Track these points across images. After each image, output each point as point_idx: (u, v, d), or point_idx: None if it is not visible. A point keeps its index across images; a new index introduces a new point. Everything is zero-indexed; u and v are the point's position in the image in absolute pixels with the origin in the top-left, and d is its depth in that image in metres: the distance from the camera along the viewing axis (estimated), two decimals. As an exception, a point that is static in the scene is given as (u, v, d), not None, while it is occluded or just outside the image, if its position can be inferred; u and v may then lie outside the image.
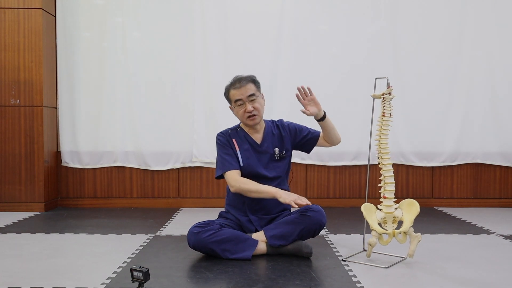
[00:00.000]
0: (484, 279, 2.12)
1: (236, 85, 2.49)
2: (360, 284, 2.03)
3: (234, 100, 2.50)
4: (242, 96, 2.47)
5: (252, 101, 2.49)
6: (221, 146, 2.56)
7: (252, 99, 2.49)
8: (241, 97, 2.48)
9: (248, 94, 2.48)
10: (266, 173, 2.56)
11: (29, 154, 3.80)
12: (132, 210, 3.95)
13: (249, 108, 2.47)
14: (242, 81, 2.49)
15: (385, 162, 2.36)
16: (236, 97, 2.49)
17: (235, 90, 2.49)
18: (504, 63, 4.06)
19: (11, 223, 3.36)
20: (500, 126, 4.09)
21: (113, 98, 4.00)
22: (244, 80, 2.49)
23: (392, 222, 2.36)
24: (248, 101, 2.48)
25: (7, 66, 3.76)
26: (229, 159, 2.51)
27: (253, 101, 2.49)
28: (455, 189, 4.17)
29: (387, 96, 2.37)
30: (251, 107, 2.47)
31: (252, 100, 2.49)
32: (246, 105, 2.48)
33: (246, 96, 2.47)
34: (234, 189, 2.45)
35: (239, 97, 2.48)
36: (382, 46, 4.03)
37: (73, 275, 2.16)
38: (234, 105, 2.52)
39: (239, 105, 2.49)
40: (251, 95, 2.48)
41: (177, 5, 3.99)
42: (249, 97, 2.48)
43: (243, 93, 2.47)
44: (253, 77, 2.54)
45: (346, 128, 4.03)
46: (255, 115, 2.50)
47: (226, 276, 2.13)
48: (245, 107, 2.48)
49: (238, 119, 2.59)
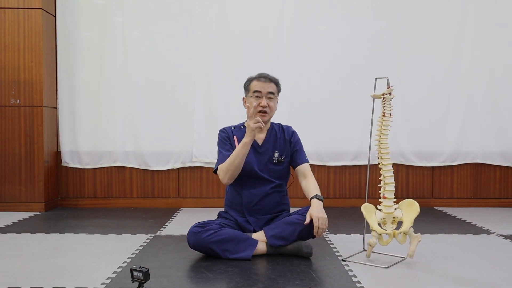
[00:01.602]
0: (484, 279, 2.12)
1: (260, 78, 2.54)
2: (360, 284, 2.03)
3: (254, 90, 2.52)
4: (262, 89, 2.51)
5: (269, 98, 2.53)
6: (220, 141, 2.60)
7: (270, 96, 2.53)
8: (261, 90, 2.51)
9: (269, 90, 2.52)
10: (262, 174, 2.56)
11: (29, 154, 3.80)
12: (132, 210, 3.95)
13: (264, 102, 2.50)
14: (268, 78, 2.55)
15: (385, 162, 2.36)
16: (256, 88, 2.52)
17: (258, 81, 2.53)
18: (504, 63, 4.06)
19: (11, 223, 3.36)
20: (500, 126, 4.09)
21: (113, 98, 4.00)
22: (269, 78, 2.56)
23: (391, 222, 2.36)
24: (266, 97, 2.51)
25: (7, 66, 3.76)
26: (226, 154, 2.52)
27: (270, 99, 2.53)
28: (455, 189, 4.17)
29: (387, 96, 2.37)
30: (266, 103, 2.50)
31: (270, 98, 2.53)
32: (263, 99, 2.50)
33: (266, 92, 2.51)
34: (224, 180, 2.45)
35: (259, 89, 2.51)
36: (382, 46, 4.03)
37: (73, 275, 2.16)
38: (251, 95, 2.53)
39: (256, 96, 2.51)
40: (271, 92, 2.53)
41: (177, 5, 3.99)
42: (268, 94, 2.52)
43: (264, 87, 2.52)
44: (278, 80, 2.60)
45: (346, 128, 4.06)
46: (266, 113, 2.52)
47: (226, 276, 2.13)
48: (260, 101, 2.50)
49: (247, 113, 2.54)
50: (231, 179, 2.46)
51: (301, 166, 2.60)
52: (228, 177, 2.45)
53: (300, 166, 2.60)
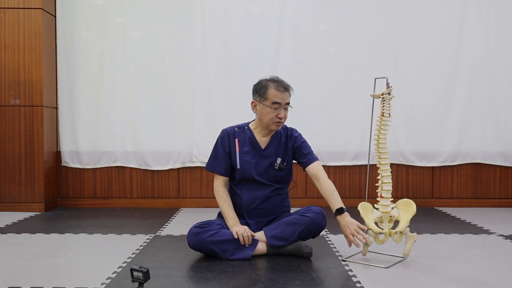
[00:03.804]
0: (484, 279, 2.12)
1: (280, 88, 2.45)
2: (360, 284, 2.03)
3: (274, 101, 2.44)
4: (282, 100, 2.46)
5: (286, 109, 2.49)
6: (216, 144, 2.61)
7: (286, 107, 2.49)
8: (281, 102, 2.45)
9: (287, 101, 2.48)
10: (262, 179, 2.54)
11: (29, 154, 3.80)
12: (132, 210, 3.95)
13: (282, 114, 2.46)
14: (285, 87, 2.48)
15: (383, 162, 2.37)
16: (276, 99, 2.44)
17: (277, 92, 2.45)
18: (504, 63, 4.06)
19: (11, 223, 3.36)
20: (500, 126, 4.09)
21: (113, 98, 4.00)
22: (287, 87, 2.49)
23: (388, 221, 2.37)
24: (284, 108, 2.47)
25: (7, 66, 3.76)
26: (221, 160, 2.57)
27: (286, 109, 2.50)
28: (455, 189, 4.17)
29: (386, 96, 2.37)
30: (284, 114, 2.48)
31: (286, 108, 2.50)
32: (281, 110, 2.46)
33: (285, 103, 2.47)
34: (214, 193, 2.61)
35: (279, 101, 2.45)
36: (382, 46, 4.03)
37: (73, 275, 2.16)
38: (269, 105, 2.45)
39: (275, 108, 2.45)
40: (288, 103, 2.50)
41: (177, 5, 3.99)
42: (286, 104, 2.48)
43: (284, 98, 2.46)
44: (291, 88, 2.53)
45: (346, 128, 4.05)
46: (282, 123, 2.51)
47: (226, 276, 2.13)
48: (278, 112, 2.46)
49: (259, 117, 2.52)
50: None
51: (310, 166, 2.54)
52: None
53: (309, 166, 2.54)
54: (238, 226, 2.44)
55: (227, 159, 2.56)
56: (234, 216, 2.51)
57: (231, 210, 2.54)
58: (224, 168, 2.57)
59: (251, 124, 2.61)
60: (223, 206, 2.55)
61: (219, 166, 2.57)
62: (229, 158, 2.56)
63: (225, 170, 2.57)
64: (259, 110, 2.50)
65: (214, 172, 2.60)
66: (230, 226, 2.46)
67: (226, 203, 2.55)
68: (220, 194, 2.58)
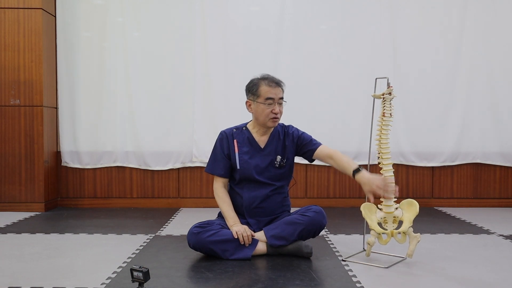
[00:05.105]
0: (484, 279, 2.12)
1: (271, 84, 2.47)
2: (360, 284, 2.03)
3: (266, 97, 2.46)
4: (275, 96, 2.47)
5: (280, 104, 2.50)
6: (215, 146, 2.61)
7: (280, 102, 2.50)
8: (274, 97, 2.47)
9: (280, 96, 2.49)
10: (262, 179, 2.54)
11: (29, 154, 3.79)
12: (132, 210, 3.95)
13: (277, 109, 2.47)
14: (277, 82, 2.49)
15: (385, 162, 2.36)
16: (269, 95, 2.46)
17: (269, 87, 2.47)
18: (504, 63, 4.06)
19: (11, 223, 3.36)
20: (500, 126, 4.09)
21: (113, 98, 4.00)
22: (278, 82, 2.50)
23: (392, 222, 2.36)
24: (277, 103, 2.48)
25: (7, 66, 3.76)
26: (220, 162, 2.57)
27: (280, 105, 2.50)
28: (455, 189, 4.17)
29: (387, 96, 2.37)
30: (278, 109, 2.48)
31: (280, 103, 2.50)
32: (275, 106, 2.47)
33: (278, 98, 2.48)
34: (214, 194, 2.62)
35: (272, 96, 2.46)
36: (382, 46, 4.03)
37: (73, 275, 2.16)
38: (263, 102, 2.46)
39: (269, 104, 2.47)
40: (281, 98, 2.50)
41: (177, 5, 3.99)
42: (279, 99, 2.49)
43: (277, 93, 2.48)
44: (283, 83, 2.54)
45: (346, 128, 4.05)
46: (278, 118, 2.51)
47: (226, 276, 2.13)
48: (273, 108, 2.47)
49: (255, 116, 2.54)
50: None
51: (318, 151, 2.52)
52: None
53: (316, 152, 2.53)
54: (238, 225, 2.44)
55: (226, 161, 2.57)
56: (234, 215, 2.52)
57: (231, 209, 2.54)
58: (223, 170, 2.57)
59: (248, 125, 2.62)
60: (223, 206, 2.55)
61: (218, 168, 2.58)
62: (228, 159, 2.57)
63: (224, 172, 2.58)
64: (254, 108, 2.52)
65: (214, 174, 2.61)
66: (230, 226, 2.46)
67: (226, 203, 2.56)
68: (220, 195, 2.58)
